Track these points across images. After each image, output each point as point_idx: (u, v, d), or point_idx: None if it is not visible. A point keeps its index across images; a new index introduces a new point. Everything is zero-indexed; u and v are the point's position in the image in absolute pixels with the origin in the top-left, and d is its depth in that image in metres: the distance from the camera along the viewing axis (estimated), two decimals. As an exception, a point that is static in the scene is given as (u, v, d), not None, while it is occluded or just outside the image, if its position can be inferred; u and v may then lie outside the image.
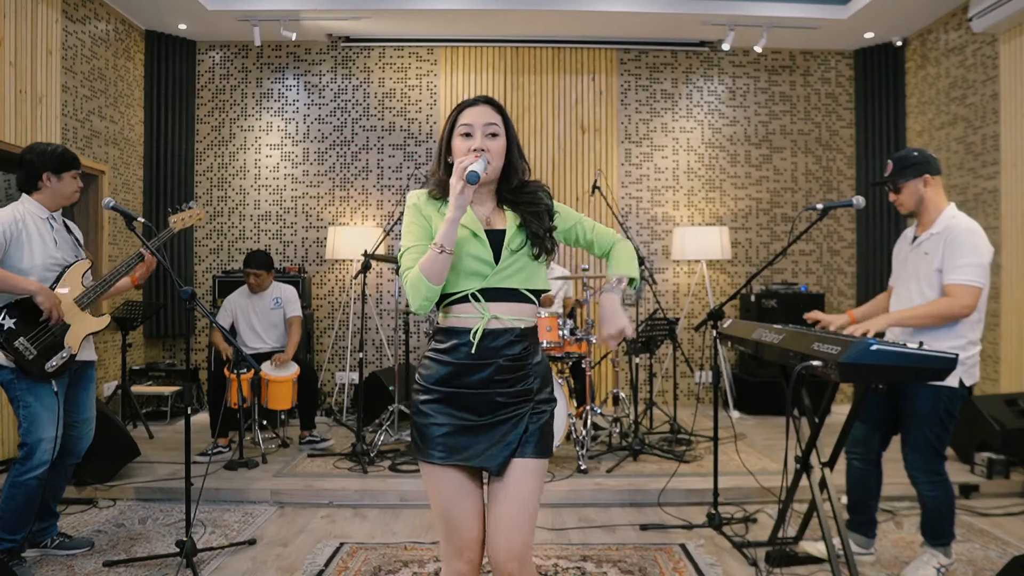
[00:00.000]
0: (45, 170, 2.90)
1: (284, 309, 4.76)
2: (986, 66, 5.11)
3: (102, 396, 5.38)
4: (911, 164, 2.80)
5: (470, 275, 1.76)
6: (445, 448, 1.74)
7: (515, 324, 1.77)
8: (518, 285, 1.78)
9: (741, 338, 2.91)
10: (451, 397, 1.76)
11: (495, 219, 1.83)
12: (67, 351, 2.87)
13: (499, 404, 1.76)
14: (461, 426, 1.75)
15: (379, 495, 3.78)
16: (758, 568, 2.87)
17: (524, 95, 6.32)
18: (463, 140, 1.79)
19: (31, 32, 4.48)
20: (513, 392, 1.76)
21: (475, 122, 1.79)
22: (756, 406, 5.78)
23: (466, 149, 1.77)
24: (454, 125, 1.82)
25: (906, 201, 2.83)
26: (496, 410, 1.75)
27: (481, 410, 1.75)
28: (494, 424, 1.75)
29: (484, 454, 1.74)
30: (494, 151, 1.79)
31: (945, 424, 2.67)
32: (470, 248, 1.76)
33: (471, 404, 1.75)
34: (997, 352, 5.00)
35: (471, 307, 1.76)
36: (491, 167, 1.78)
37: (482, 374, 1.75)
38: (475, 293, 1.75)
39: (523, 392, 1.78)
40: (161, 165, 6.02)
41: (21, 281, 2.77)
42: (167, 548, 3.09)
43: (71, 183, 2.98)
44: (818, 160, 6.40)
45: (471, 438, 1.75)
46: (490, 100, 1.86)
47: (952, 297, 2.60)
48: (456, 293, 1.76)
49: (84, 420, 3.08)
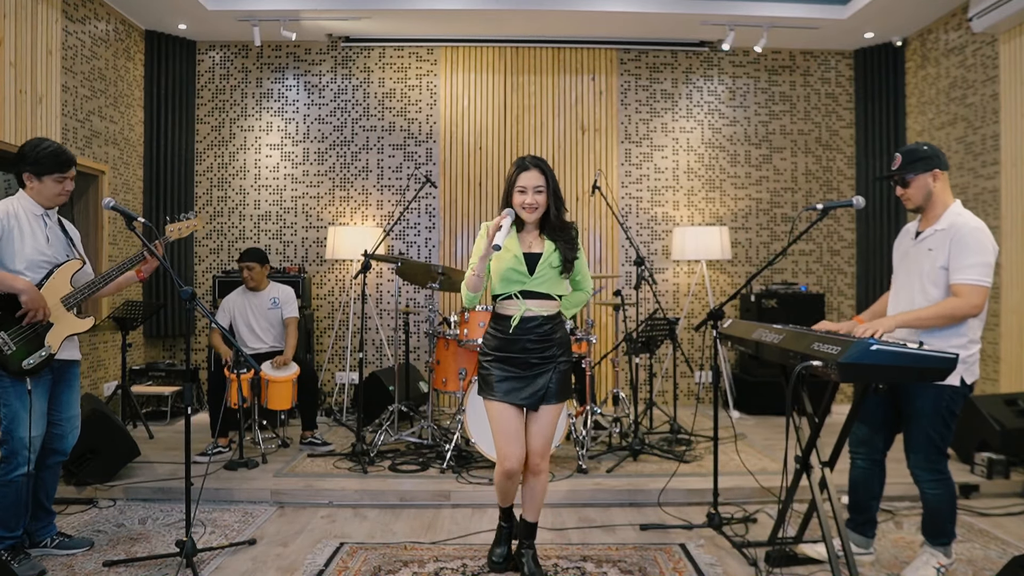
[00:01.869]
0: (25, 170, 2.90)
1: (281, 310, 4.76)
2: (986, 66, 5.12)
3: (102, 396, 5.38)
4: (921, 158, 2.74)
5: (512, 283, 2.69)
6: (500, 391, 2.70)
7: (541, 313, 2.71)
8: (546, 290, 2.71)
9: (741, 338, 2.91)
10: (503, 359, 2.72)
11: (535, 245, 2.74)
12: (46, 350, 2.87)
13: (533, 364, 2.71)
14: (510, 376, 2.71)
15: (379, 495, 3.78)
16: (758, 568, 2.87)
17: (524, 95, 6.32)
18: (519, 195, 2.69)
19: (31, 32, 4.48)
20: (542, 356, 2.71)
21: (528, 185, 2.68)
22: (756, 406, 5.78)
23: (520, 202, 2.68)
24: (514, 182, 2.69)
25: (914, 196, 2.77)
26: (531, 367, 2.71)
27: (523, 367, 2.71)
28: (531, 377, 2.71)
29: (524, 397, 2.70)
30: (540, 203, 2.69)
31: (947, 422, 2.66)
32: (513, 265, 2.68)
33: (515, 364, 2.71)
34: (997, 352, 5.00)
35: (514, 302, 2.70)
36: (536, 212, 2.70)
37: (519, 344, 2.70)
38: (516, 293, 2.69)
39: (549, 356, 2.72)
40: (161, 165, 6.02)
41: (11, 279, 2.78)
42: (167, 548, 3.09)
43: (53, 186, 2.93)
44: (818, 160, 6.41)
45: (516, 384, 2.70)
46: (539, 164, 2.70)
47: (961, 297, 2.58)
48: (504, 293, 2.72)
49: (68, 418, 3.07)
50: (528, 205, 2.67)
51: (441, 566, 2.93)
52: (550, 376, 2.71)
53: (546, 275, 2.69)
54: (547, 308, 2.72)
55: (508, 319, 2.70)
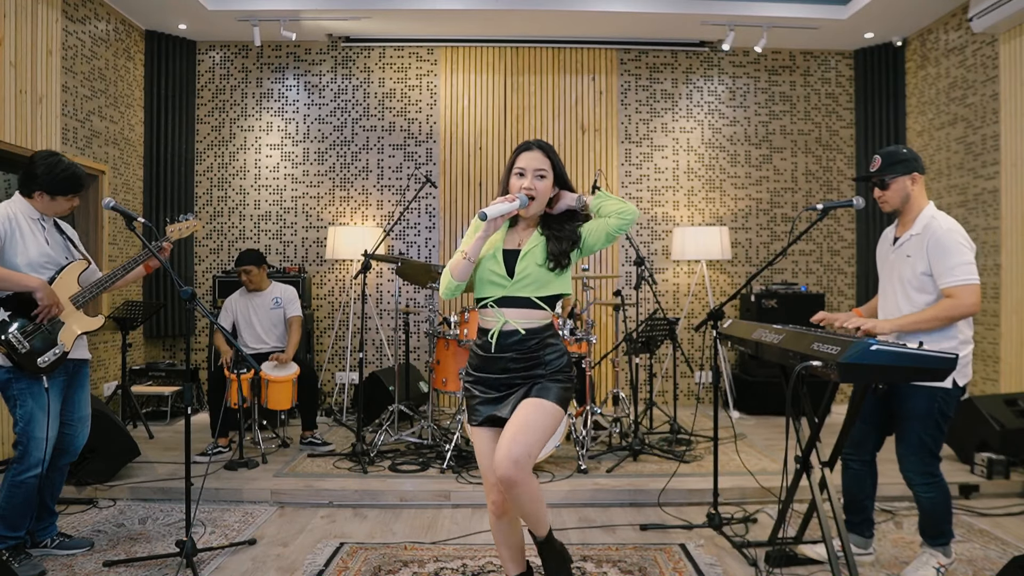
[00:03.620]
0: (40, 189, 2.93)
1: (284, 309, 4.77)
2: (986, 66, 5.11)
3: (102, 396, 5.38)
4: (900, 160, 2.75)
5: (491, 284, 2.23)
6: (481, 415, 2.26)
7: (524, 326, 2.21)
8: (530, 294, 2.21)
9: (741, 338, 2.91)
10: (481, 380, 2.28)
11: (522, 242, 2.27)
12: (60, 347, 2.89)
13: (513, 383, 2.24)
14: (488, 399, 2.26)
15: (379, 495, 3.78)
16: (758, 568, 2.87)
17: (524, 95, 6.32)
18: (517, 178, 2.23)
19: (31, 32, 4.48)
20: (526, 375, 2.23)
21: (527, 166, 2.22)
22: (756, 406, 5.78)
23: (518, 187, 2.21)
24: (513, 163, 2.25)
25: (892, 198, 2.78)
26: (511, 387, 2.25)
27: (500, 389, 2.25)
28: (507, 396, 2.24)
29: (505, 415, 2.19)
30: (540, 190, 2.22)
31: (940, 425, 2.67)
32: (490, 264, 2.23)
33: (494, 385, 2.26)
34: (997, 352, 5.00)
35: (491, 312, 2.23)
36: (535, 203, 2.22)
37: (499, 364, 2.24)
38: (492, 303, 2.22)
39: (535, 375, 2.23)
40: (161, 165, 6.02)
41: (23, 278, 2.80)
42: (167, 548, 3.09)
43: (63, 204, 2.99)
44: (818, 160, 6.40)
45: (493, 407, 2.24)
46: (542, 146, 2.26)
47: (955, 298, 2.59)
48: (485, 298, 2.25)
49: (79, 419, 3.09)
50: (525, 189, 2.19)
51: (441, 566, 2.93)
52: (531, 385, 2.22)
53: (529, 275, 2.19)
54: (531, 320, 2.21)
55: (485, 333, 2.26)
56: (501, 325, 2.21)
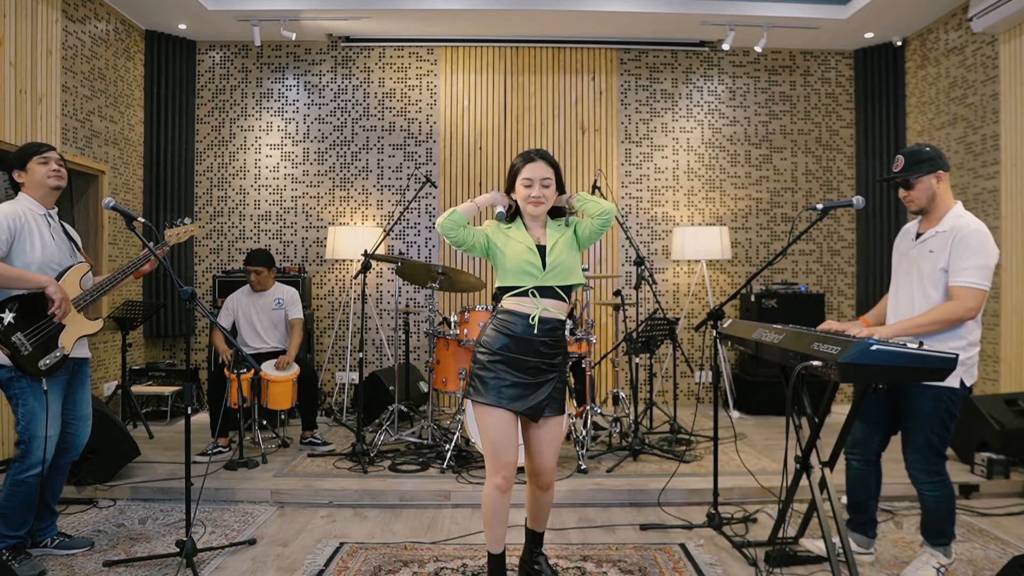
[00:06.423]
0: (12, 169, 2.92)
1: (286, 311, 4.77)
2: (986, 66, 5.12)
3: (102, 396, 5.38)
4: (925, 159, 2.71)
5: (526, 275, 2.51)
6: (504, 396, 2.47)
7: (556, 316, 2.54)
8: (557, 283, 2.53)
9: (741, 338, 2.91)
10: (510, 361, 2.49)
11: (542, 238, 2.58)
12: (60, 351, 2.89)
13: (541, 370, 2.51)
14: (517, 382, 2.48)
15: (379, 495, 3.78)
16: (758, 568, 2.87)
17: (524, 95, 6.32)
18: (524, 187, 2.55)
19: (31, 32, 4.48)
20: (550, 363, 2.53)
21: (535, 176, 2.53)
22: (756, 406, 5.78)
23: (525, 195, 2.54)
24: (518, 174, 2.56)
25: (918, 198, 2.74)
26: (539, 374, 2.51)
27: (532, 373, 2.50)
28: (537, 384, 2.51)
29: (527, 407, 2.48)
30: (547, 197, 2.56)
31: (946, 424, 2.66)
32: (527, 257, 2.51)
33: (525, 368, 2.49)
34: (997, 352, 5.00)
35: (529, 300, 2.50)
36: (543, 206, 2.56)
37: (534, 346, 2.49)
38: (533, 291, 2.50)
39: (555, 364, 2.55)
40: (161, 165, 6.02)
41: (36, 276, 2.80)
42: (167, 548, 3.09)
43: (39, 169, 2.92)
44: (818, 160, 6.41)
45: (522, 391, 2.48)
46: (545, 156, 2.58)
47: (956, 300, 2.58)
48: (517, 287, 2.51)
49: (81, 418, 3.10)
50: (534, 198, 2.52)
51: (441, 566, 2.93)
52: (553, 385, 2.54)
53: (558, 264, 2.52)
54: (559, 309, 2.55)
55: (524, 317, 2.49)
56: (541, 311, 2.49)
